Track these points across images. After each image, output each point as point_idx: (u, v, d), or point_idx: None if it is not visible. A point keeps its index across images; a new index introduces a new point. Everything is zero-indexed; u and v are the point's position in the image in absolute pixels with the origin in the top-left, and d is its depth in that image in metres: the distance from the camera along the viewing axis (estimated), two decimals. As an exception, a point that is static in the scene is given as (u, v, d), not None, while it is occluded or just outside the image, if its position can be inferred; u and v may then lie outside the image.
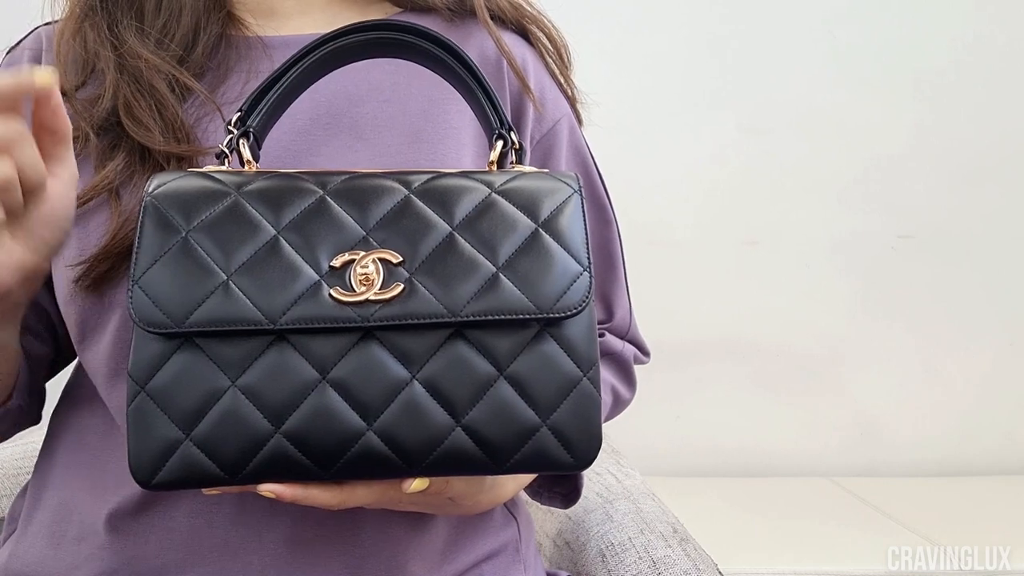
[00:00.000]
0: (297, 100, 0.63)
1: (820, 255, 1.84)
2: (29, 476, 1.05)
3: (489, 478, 0.58)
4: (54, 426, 0.71)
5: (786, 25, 1.80)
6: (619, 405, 0.82)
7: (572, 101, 0.79)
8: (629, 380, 0.83)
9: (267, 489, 0.48)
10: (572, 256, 0.50)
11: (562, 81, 0.78)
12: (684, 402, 1.82)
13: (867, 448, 1.87)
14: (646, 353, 0.85)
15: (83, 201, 0.61)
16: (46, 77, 0.48)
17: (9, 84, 0.47)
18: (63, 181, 0.53)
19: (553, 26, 0.78)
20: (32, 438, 1.12)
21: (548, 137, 0.75)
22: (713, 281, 1.83)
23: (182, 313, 0.47)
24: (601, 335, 0.80)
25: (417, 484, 0.50)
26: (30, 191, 0.50)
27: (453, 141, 0.68)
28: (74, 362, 0.75)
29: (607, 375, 0.79)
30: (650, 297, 0.86)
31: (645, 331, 0.85)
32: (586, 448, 0.50)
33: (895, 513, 1.56)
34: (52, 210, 0.52)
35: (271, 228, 0.49)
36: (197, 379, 0.47)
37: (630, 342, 0.83)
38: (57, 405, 0.72)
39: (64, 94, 0.64)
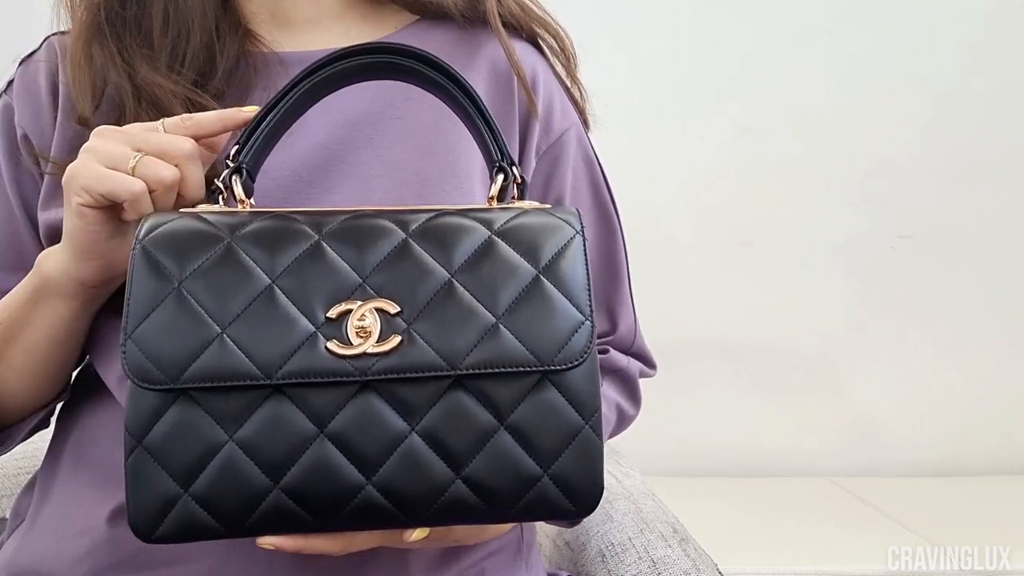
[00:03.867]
0: (313, 117, 0.63)
1: (819, 255, 1.84)
2: (29, 476, 1.05)
3: None
4: (63, 422, 0.71)
5: (784, 25, 1.80)
6: (624, 422, 0.82)
7: (580, 107, 0.79)
8: (634, 397, 0.82)
9: (267, 542, 0.48)
10: (574, 304, 0.50)
11: (569, 85, 0.78)
12: (684, 402, 1.82)
13: (866, 448, 1.87)
14: (652, 366, 0.84)
15: None
16: (249, 108, 0.58)
17: (214, 122, 0.57)
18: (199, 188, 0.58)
19: (561, 28, 0.78)
20: (32, 438, 1.12)
21: (555, 147, 0.75)
22: (713, 282, 1.84)
23: (177, 368, 0.46)
24: (605, 350, 0.79)
25: (418, 534, 0.50)
26: (188, 203, 0.56)
27: (464, 151, 0.68)
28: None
29: (611, 392, 0.78)
30: (649, 298, 0.86)
31: (645, 332, 0.84)
32: (588, 496, 0.50)
33: (895, 513, 1.57)
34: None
35: (265, 276, 0.48)
36: (194, 433, 0.46)
37: (635, 355, 0.82)
38: (66, 400, 0.72)
39: (85, 122, 0.65)
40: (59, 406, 0.74)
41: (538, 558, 0.77)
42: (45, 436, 0.74)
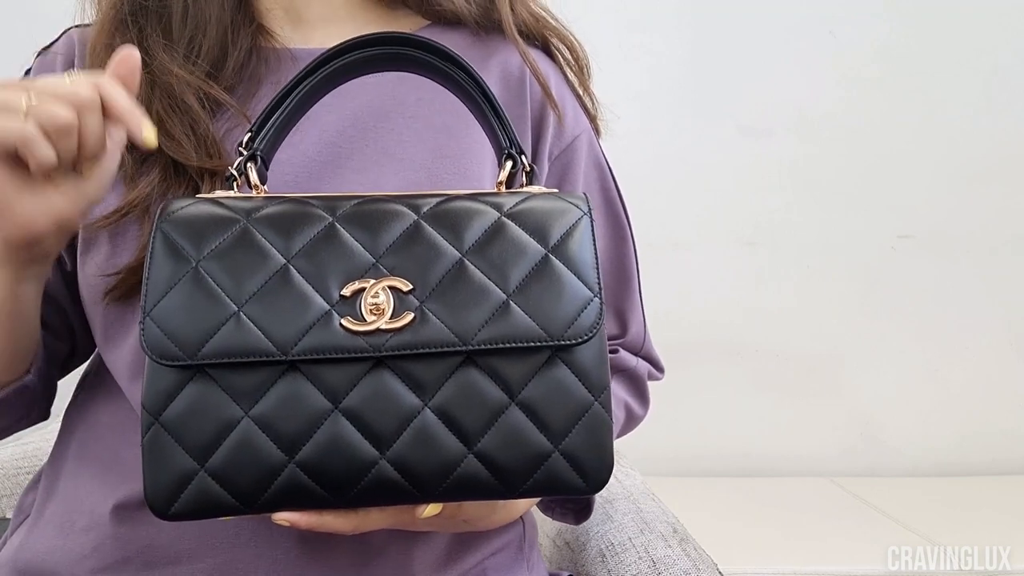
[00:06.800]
0: (325, 113, 0.63)
1: (820, 255, 1.84)
2: (29, 476, 1.05)
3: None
4: (70, 416, 0.71)
5: (786, 25, 1.80)
6: (632, 421, 0.82)
7: (591, 114, 0.79)
8: (643, 396, 0.83)
9: (283, 518, 0.48)
10: (582, 281, 0.50)
11: (581, 93, 0.78)
12: (685, 403, 1.82)
13: (867, 448, 1.88)
14: (660, 369, 0.85)
15: (121, 215, 0.63)
16: (150, 133, 0.53)
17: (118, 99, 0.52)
18: (114, 140, 0.55)
19: (575, 38, 0.78)
20: (31, 438, 1.13)
21: (567, 152, 0.75)
22: (713, 282, 1.84)
23: (194, 345, 0.47)
24: (615, 351, 0.80)
25: (430, 510, 0.51)
26: (87, 155, 0.53)
27: (476, 156, 0.69)
28: (92, 354, 0.75)
29: (620, 391, 0.79)
30: (650, 298, 0.87)
31: (646, 332, 0.85)
32: (598, 472, 0.50)
33: (895, 513, 1.57)
34: (100, 167, 0.55)
35: (281, 257, 0.49)
36: (210, 410, 0.47)
37: (644, 358, 0.83)
38: (73, 396, 0.73)
39: None
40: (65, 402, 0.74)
41: (539, 557, 0.78)
42: (47, 435, 0.74)
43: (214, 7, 0.68)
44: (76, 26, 0.74)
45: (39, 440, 1.12)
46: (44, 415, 0.73)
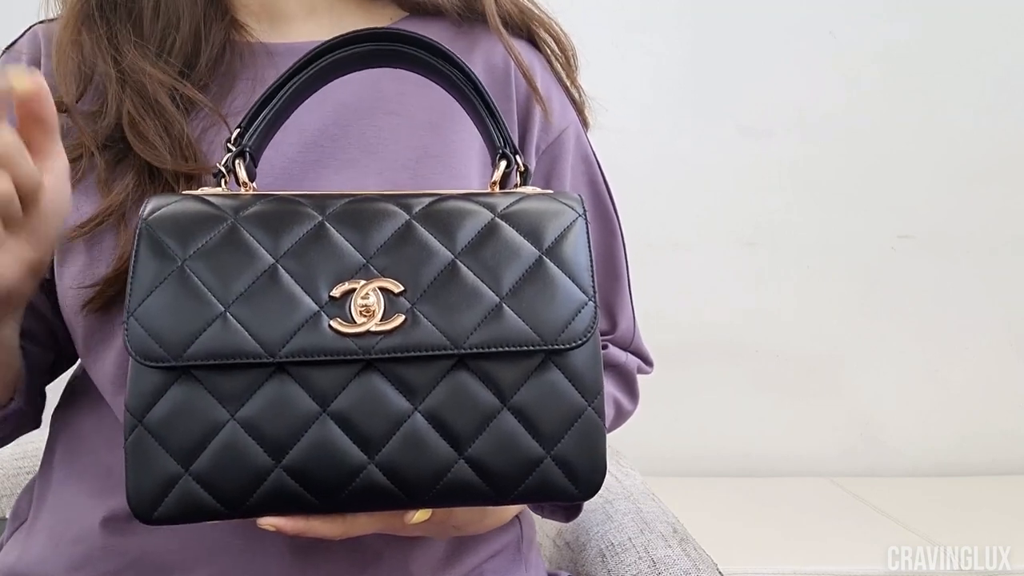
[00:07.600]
0: (305, 111, 0.62)
1: (820, 255, 1.84)
2: (29, 476, 1.05)
3: None
4: (55, 426, 0.70)
5: (786, 25, 1.80)
6: (621, 417, 0.82)
7: (579, 106, 0.78)
8: (632, 392, 0.82)
9: (268, 523, 0.47)
10: (577, 285, 0.50)
11: (568, 85, 0.77)
12: (684, 403, 1.82)
13: (867, 448, 1.87)
14: (649, 363, 0.84)
15: (95, 224, 0.61)
16: (23, 80, 0.46)
17: None
18: (56, 174, 0.52)
19: (561, 29, 0.77)
20: (30, 438, 1.12)
21: (554, 146, 0.74)
22: (713, 282, 1.83)
23: (179, 346, 0.46)
24: (604, 346, 0.79)
25: (419, 515, 0.50)
26: (27, 199, 0.49)
27: (462, 153, 0.68)
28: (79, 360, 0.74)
29: (610, 387, 0.78)
30: (650, 299, 0.86)
31: (646, 333, 0.84)
32: (590, 478, 0.49)
33: (895, 513, 1.56)
34: (49, 204, 0.52)
35: (269, 256, 0.48)
36: (195, 412, 0.46)
37: (633, 353, 0.82)
38: (58, 404, 0.72)
39: (65, 109, 0.63)
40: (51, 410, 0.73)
41: (538, 557, 0.77)
42: (44, 436, 0.74)
43: (185, 0, 0.66)
44: (41, 22, 0.72)
45: (39, 440, 1.11)
46: (36, 425, 0.72)
